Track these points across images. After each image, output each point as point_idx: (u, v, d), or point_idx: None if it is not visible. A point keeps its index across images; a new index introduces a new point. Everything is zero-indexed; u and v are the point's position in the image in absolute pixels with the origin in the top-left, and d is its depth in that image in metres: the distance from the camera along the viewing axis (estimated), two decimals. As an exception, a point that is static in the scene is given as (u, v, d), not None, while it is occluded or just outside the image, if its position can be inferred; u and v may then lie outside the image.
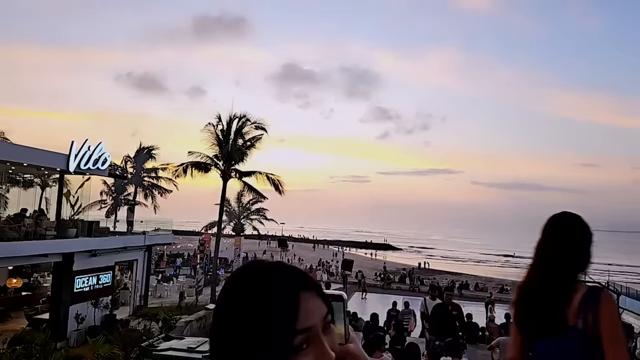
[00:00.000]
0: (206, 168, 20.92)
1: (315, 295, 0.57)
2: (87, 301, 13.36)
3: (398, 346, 8.86)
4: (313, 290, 0.57)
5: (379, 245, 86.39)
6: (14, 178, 17.80)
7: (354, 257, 36.12)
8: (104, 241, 14.89)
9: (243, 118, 20.89)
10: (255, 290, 0.55)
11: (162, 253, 34.91)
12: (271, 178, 21.04)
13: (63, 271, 12.87)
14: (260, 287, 0.55)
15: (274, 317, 0.52)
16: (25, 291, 16.03)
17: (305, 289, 0.57)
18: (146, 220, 21.86)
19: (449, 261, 69.55)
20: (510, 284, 40.55)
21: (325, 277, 33.57)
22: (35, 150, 12.98)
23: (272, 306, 0.53)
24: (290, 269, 0.59)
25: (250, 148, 21.08)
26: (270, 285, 0.55)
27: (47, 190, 21.01)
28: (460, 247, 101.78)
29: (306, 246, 73.75)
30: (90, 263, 13.81)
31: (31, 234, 12.58)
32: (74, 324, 12.63)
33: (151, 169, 29.57)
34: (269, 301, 0.54)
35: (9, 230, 12.19)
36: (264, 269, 0.58)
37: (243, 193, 26.45)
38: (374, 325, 10.60)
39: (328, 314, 0.58)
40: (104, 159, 14.66)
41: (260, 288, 0.55)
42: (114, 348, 8.74)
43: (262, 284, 0.55)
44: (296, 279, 0.57)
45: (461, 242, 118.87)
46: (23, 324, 12.52)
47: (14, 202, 18.59)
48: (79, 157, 13.57)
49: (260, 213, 35.93)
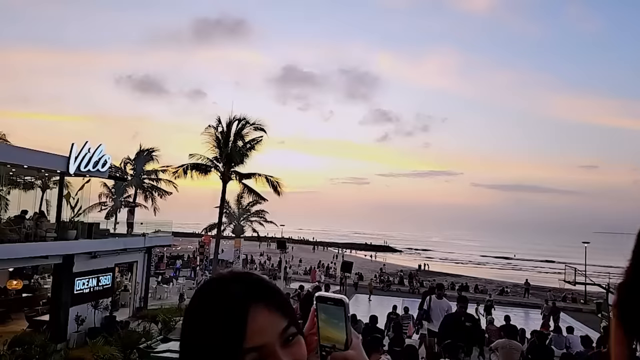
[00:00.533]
0: (206, 170, 20.97)
1: (273, 308, 0.55)
2: (87, 303, 13.37)
3: (397, 348, 8.85)
4: (271, 304, 0.55)
5: (378, 247, 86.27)
6: (14, 180, 17.85)
7: (353, 259, 36.09)
8: (104, 243, 14.92)
9: (243, 120, 20.96)
10: (203, 308, 0.55)
11: (162, 255, 34.90)
12: (270, 180, 21.10)
13: (63, 273, 12.90)
14: (208, 305, 0.55)
15: (220, 336, 0.52)
16: (25, 293, 16.04)
17: (260, 303, 0.54)
18: (146, 222, 21.88)
19: (449, 263, 69.47)
20: (511, 286, 40.53)
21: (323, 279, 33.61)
22: (35, 152, 13.03)
23: (218, 325, 0.52)
24: (248, 281, 0.57)
25: (250, 150, 21.15)
26: (218, 303, 0.54)
27: (47, 192, 21.04)
28: (460, 249, 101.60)
29: (306, 248, 73.64)
30: (90, 265, 13.83)
31: (31, 235, 12.61)
32: (74, 325, 12.65)
33: (151, 171, 29.62)
34: (215, 320, 0.52)
35: (10, 232, 12.22)
36: (220, 283, 0.57)
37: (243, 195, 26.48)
38: (372, 327, 10.60)
39: (289, 327, 0.55)
40: (104, 161, 14.70)
41: (209, 306, 0.54)
42: (114, 349, 8.75)
43: (211, 301, 0.55)
44: (250, 293, 0.54)
45: (461, 244, 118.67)
46: (23, 326, 12.54)
47: (14, 204, 18.64)
48: (79, 159, 13.61)
49: (260, 215, 35.97)
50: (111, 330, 11.09)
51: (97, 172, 14.70)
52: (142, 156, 28.62)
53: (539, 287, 38.41)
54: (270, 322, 0.54)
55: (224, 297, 0.55)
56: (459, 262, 72.41)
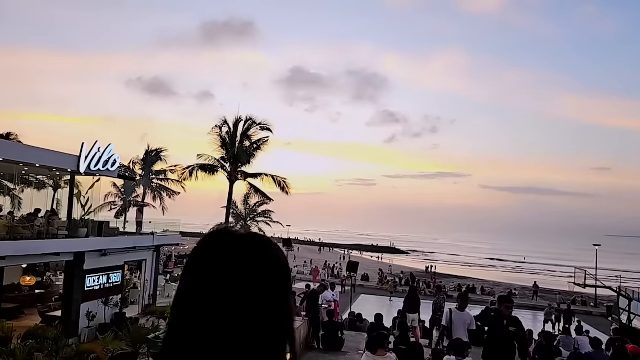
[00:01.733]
0: (213, 170, 21.19)
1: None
2: (97, 299, 13.62)
3: (402, 346, 8.87)
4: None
5: (385, 249, 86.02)
6: (27, 179, 18.25)
7: (359, 260, 36.14)
8: (113, 241, 15.16)
9: (249, 120, 21.14)
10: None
11: (171, 254, 35.25)
12: (277, 179, 21.23)
13: (74, 270, 13.16)
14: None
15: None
16: (38, 289, 16.39)
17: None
18: (155, 221, 22.17)
19: (457, 265, 68.97)
20: (519, 289, 40.13)
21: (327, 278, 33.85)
22: (47, 151, 13.33)
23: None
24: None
25: (257, 150, 21.32)
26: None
27: (58, 192, 21.47)
28: (468, 251, 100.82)
29: (312, 249, 73.76)
30: (100, 262, 14.08)
31: (44, 233, 12.89)
32: (85, 321, 12.90)
33: (160, 171, 29.99)
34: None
35: (23, 230, 12.52)
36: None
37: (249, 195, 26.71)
38: (378, 326, 10.64)
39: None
40: (114, 161, 14.96)
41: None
42: (123, 344, 8.93)
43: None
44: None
45: (469, 247, 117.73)
46: (36, 321, 12.81)
47: (27, 202, 19.06)
48: (89, 159, 13.88)
49: (267, 215, 36.13)
50: (121, 326, 11.29)
51: (107, 172, 14.96)
52: (150, 156, 29.00)
53: (547, 290, 37.98)
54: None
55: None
56: (467, 265, 71.88)
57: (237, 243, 0.61)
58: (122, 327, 10.66)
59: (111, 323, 13.19)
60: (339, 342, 10.98)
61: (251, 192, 23.27)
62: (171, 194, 30.03)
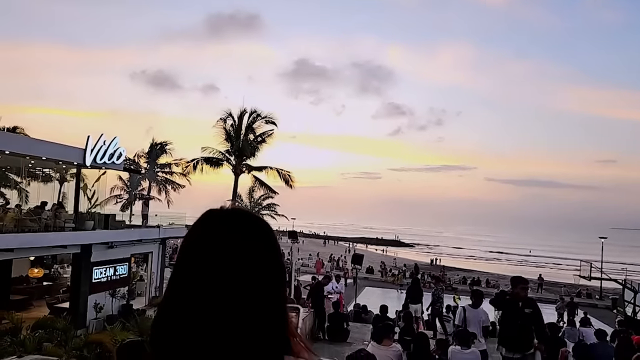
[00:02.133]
0: (218, 163, 21.22)
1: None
2: (104, 291, 13.78)
3: (407, 337, 8.90)
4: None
5: (390, 242, 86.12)
6: (33, 172, 18.39)
7: (364, 253, 36.26)
8: (120, 234, 15.29)
9: (254, 113, 21.10)
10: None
11: (176, 247, 35.52)
12: (282, 173, 21.24)
13: (82, 262, 13.30)
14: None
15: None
16: (46, 281, 16.60)
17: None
18: (160, 214, 22.31)
19: (461, 258, 68.93)
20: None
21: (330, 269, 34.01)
22: (53, 144, 13.40)
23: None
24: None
25: (261, 143, 21.30)
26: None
27: (65, 185, 21.65)
28: (473, 244, 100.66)
29: (317, 242, 74.02)
30: (107, 255, 14.22)
31: (51, 226, 13.02)
32: (93, 312, 13.07)
33: (165, 165, 30.11)
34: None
35: (30, 222, 12.66)
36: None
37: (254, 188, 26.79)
38: (383, 317, 10.69)
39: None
40: (119, 154, 15.01)
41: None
42: (131, 334, 9.04)
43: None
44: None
45: (474, 239, 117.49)
46: (45, 312, 12.99)
47: (34, 195, 19.24)
48: (94, 151, 13.93)
49: (272, 208, 36.23)
50: (128, 317, 11.42)
51: (113, 164, 15.02)
52: (155, 150, 29.10)
53: (553, 283, 37.90)
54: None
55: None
56: (472, 257, 71.81)
57: (225, 217, 0.63)
58: (130, 319, 10.79)
59: (118, 314, 13.35)
60: (344, 333, 11.04)
61: (256, 185, 23.33)
62: (176, 187, 30.18)
